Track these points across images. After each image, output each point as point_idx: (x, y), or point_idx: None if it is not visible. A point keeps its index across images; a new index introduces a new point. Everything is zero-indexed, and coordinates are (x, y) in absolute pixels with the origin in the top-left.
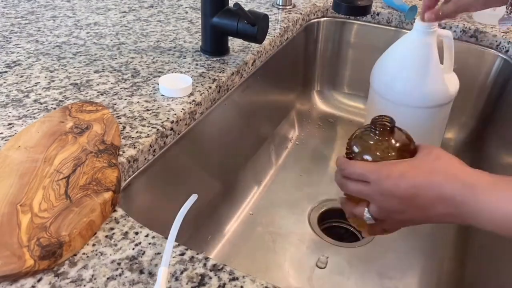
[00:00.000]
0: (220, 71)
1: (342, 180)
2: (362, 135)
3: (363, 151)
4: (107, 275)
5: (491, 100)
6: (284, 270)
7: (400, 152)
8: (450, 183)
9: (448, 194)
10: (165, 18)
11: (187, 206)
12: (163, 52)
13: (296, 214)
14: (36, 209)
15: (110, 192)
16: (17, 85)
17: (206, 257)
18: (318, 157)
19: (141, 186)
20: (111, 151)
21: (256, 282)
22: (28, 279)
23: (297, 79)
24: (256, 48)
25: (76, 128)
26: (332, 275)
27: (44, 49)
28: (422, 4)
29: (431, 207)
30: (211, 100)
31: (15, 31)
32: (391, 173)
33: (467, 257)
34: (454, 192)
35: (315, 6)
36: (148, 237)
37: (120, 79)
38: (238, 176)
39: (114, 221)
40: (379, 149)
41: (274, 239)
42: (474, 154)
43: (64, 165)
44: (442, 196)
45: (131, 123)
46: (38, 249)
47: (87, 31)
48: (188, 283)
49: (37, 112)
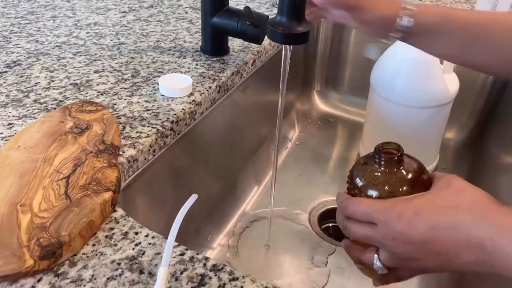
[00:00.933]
0: (220, 71)
1: (344, 221)
2: (365, 166)
3: (367, 186)
4: (107, 275)
5: (491, 100)
6: (284, 270)
7: (412, 185)
8: (478, 224)
9: (476, 238)
10: (165, 18)
11: (187, 206)
12: (163, 52)
13: (296, 214)
14: (36, 209)
15: (110, 192)
16: (17, 85)
17: (206, 257)
18: (318, 157)
19: (141, 186)
20: (111, 151)
21: (256, 282)
22: (28, 279)
23: (297, 79)
24: (256, 48)
25: (76, 128)
26: (332, 275)
27: (44, 49)
28: None
29: (455, 253)
30: (211, 100)
31: (15, 31)
32: (403, 212)
33: None
34: (484, 235)
35: None
36: (148, 237)
37: (120, 79)
38: (238, 176)
39: (114, 221)
40: (387, 183)
41: (274, 239)
42: (474, 154)
43: (64, 165)
44: (469, 240)
45: (131, 123)
46: (38, 249)
47: (87, 31)
48: (188, 283)
49: (37, 112)
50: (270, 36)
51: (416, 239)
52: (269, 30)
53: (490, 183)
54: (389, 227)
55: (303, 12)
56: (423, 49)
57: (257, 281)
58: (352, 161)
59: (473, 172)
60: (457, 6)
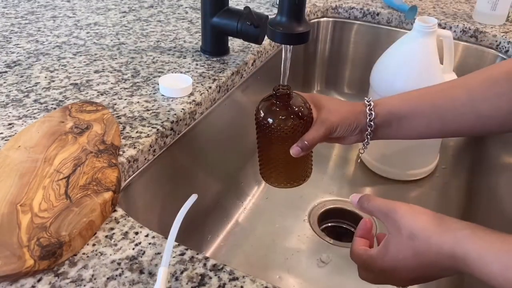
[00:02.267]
0: (220, 71)
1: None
2: (266, 101)
3: (266, 115)
4: (107, 275)
5: None
6: (284, 270)
7: (297, 113)
8: (444, 238)
9: (448, 250)
10: (165, 18)
11: (187, 206)
12: (163, 52)
13: (296, 214)
14: (36, 209)
15: (110, 192)
16: (17, 85)
17: (206, 257)
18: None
19: (141, 186)
20: (111, 151)
21: (256, 282)
22: (28, 279)
23: (297, 79)
24: (256, 48)
25: (76, 128)
26: (332, 275)
27: (44, 49)
28: None
29: (438, 272)
30: (211, 100)
31: (15, 31)
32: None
33: None
34: (451, 246)
35: (315, 6)
36: (148, 237)
37: (120, 79)
38: (238, 176)
39: (114, 221)
40: (280, 112)
41: (274, 239)
42: (474, 154)
43: (64, 165)
44: (441, 253)
45: (131, 123)
46: (38, 249)
47: (87, 31)
48: (188, 283)
49: (37, 112)
50: (270, 36)
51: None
52: (269, 30)
53: (490, 183)
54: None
55: (303, 12)
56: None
57: (257, 281)
58: (352, 161)
59: (473, 172)
60: (457, 6)
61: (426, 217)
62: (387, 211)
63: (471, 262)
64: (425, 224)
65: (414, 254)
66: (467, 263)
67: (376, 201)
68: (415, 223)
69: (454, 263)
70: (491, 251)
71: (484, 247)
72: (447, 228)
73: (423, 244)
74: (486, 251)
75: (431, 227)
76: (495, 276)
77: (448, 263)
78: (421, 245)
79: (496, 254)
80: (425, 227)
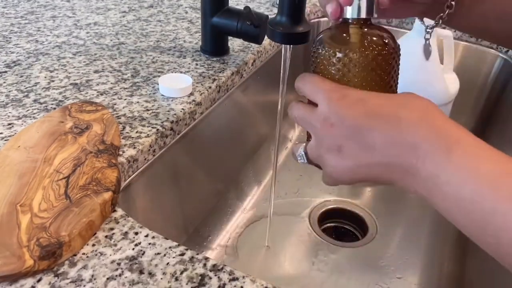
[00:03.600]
0: (220, 71)
1: (293, 103)
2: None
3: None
4: (107, 275)
5: (491, 100)
6: (284, 270)
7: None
8: (422, 125)
9: (413, 138)
10: (165, 18)
11: None
12: (163, 52)
13: (296, 214)
14: (36, 209)
15: (110, 192)
16: (17, 85)
17: (206, 257)
18: None
19: (141, 186)
20: (111, 151)
21: (256, 282)
22: (28, 279)
23: None
24: (256, 48)
25: (76, 128)
26: (332, 275)
27: (44, 49)
28: None
29: (382, 150)
30: (211, 100)
31: (15, 31)
32: (349, 95)
33: (467, 256)
34: (422, 138)
35: (315, 6)
36: (148, 237)
37: (120, 79)
38: (238, 176)
39: (114, 221)
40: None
41: (274, 239)
42: None
43: (63, 165)
44: (404, 138)
45: (131, 123)
46: (37, 249)
47: (87, 31)
48: (188, 283)
49: (37, 112)
50: (270, 36)
51: (347, 122)
52: (269, 30)
53: None
54: (327, 106)
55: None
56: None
57: (257, 281)
58: None
59: None
60: None
61: None
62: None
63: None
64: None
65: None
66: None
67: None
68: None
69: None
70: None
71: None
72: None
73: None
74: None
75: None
76: (447, 195)
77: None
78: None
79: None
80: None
